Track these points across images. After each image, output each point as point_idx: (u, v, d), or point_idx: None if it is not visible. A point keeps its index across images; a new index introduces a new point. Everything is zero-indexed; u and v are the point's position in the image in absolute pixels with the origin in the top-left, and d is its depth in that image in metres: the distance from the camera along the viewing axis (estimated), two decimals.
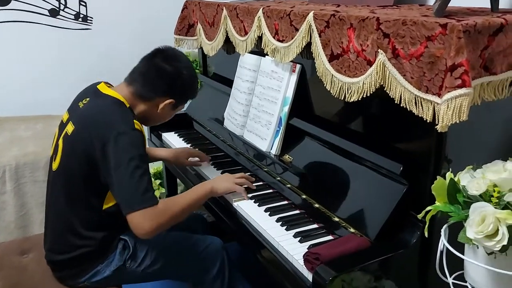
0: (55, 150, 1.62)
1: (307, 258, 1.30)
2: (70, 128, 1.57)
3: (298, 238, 1.46)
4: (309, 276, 1.29)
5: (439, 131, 1.10)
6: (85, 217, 1.55)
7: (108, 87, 1.64)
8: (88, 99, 1.60)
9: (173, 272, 1.74)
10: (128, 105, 1.57)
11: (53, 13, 2.58)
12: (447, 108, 1.05)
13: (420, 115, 1.18)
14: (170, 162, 2.09)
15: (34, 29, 2.55)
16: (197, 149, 2.16)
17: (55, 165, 1.60)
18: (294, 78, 1.75)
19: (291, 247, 1.42)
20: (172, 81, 1.62)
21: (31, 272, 1.69)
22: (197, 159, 2.05)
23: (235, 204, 1.69)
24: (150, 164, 2.70)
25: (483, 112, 1.27)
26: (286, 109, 1.77)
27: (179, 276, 1.78)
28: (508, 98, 1.25)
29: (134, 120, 1.51)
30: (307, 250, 1.35)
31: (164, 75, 1.61)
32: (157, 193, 2.92)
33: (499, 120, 1.33)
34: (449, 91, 1.05)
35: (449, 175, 1.16)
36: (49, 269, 1.66)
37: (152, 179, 2.89)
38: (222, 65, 2.47)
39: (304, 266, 1.32)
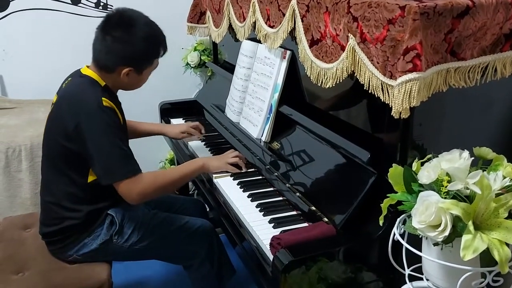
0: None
1: (271, 243, 1.30)
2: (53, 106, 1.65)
3: (272, 224, 1.45)
4: None
5: (395, 117, 1.07)
6: (69, 191, 1.62)
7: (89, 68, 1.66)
8: (70, 79, 1.67)
9: (160, 252, 1.77)
10: (103, 83, 1.60)
11: (74, 1, 2.68)
12: (398, 92, 1.01)
13: (386, 102, 1.14)
14: (165, 135, 2.15)
15: (55, 16, 2.66)
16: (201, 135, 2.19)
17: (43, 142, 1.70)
18: (284, 64, 1.73)
19: (263, 232, 1.42)
20: (123, 51, 1.55)
21: (28, 245, 1.77)
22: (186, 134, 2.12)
23: (220, 189, 1.71)
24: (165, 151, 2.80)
25: (457, 100, 1.22)
26: (277, 96, 1.75)
27: (167, 256, 1.80)
28: (485, 85, 1.18)
29: (103, 98, 1.54)
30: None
31: (113, 46, 1.54)
32: None
33: (476, 108, 1.27)
34: (400, 76, 1.01)
35: (415, 164, 1.12)
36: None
37: (167, 163, 2.97)
38: (231, 53, 2.48)
39: (270, 251, 1.31)
